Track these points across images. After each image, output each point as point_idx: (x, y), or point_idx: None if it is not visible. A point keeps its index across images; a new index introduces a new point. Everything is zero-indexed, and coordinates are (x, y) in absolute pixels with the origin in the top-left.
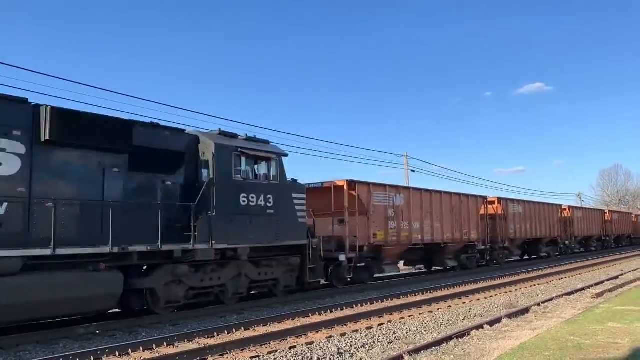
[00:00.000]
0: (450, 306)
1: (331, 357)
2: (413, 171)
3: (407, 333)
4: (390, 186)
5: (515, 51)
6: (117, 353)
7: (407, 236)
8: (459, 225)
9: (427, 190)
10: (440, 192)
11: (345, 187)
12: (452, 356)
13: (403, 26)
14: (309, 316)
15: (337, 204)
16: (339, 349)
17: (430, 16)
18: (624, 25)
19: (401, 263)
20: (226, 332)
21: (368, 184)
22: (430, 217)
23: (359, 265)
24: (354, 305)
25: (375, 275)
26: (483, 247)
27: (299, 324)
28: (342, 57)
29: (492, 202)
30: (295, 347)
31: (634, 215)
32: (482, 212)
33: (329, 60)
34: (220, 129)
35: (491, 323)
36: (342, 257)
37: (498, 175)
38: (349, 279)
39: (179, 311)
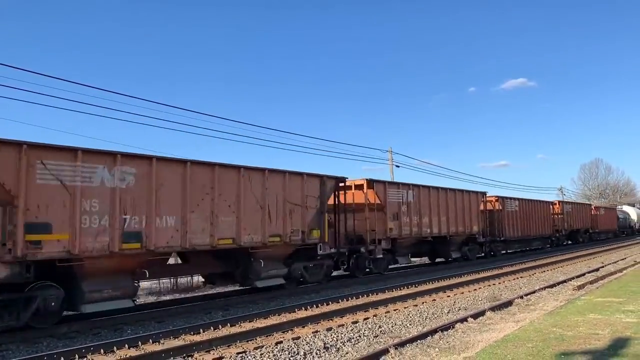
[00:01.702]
0: (435, 300)
1: (317, 351)
2: (397, 166)
3: (392, 327)
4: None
5: (499, 47)
6: (102, 351)
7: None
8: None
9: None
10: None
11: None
12: (437, 349)
13: (388, 23)
14: (295, 311)
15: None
16: (325, 343)
17: (415, 13)
18: (606, 22)
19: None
20: (212, 328)
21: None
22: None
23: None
24: (340, 300)
25: (364, 268)
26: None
27: (285, 320)
28: (327, 54)
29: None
30: (281, 342)
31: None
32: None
33: (314, 57)
34: None
35: (475, 316)
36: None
37: (482, 170)
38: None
39: (164, 308)
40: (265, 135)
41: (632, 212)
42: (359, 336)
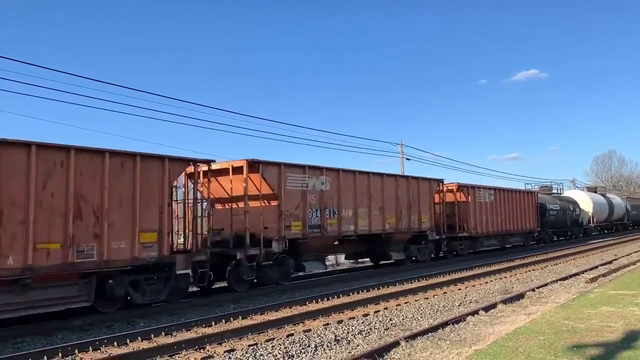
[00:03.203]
0: (445, 293)
1: (328, 343)
2: (408, 159)
3: (403, 319)
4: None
5: (510, 38)
6: (115, 343)
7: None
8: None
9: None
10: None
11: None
12: (448, 342)
13: (397, 15)
14: (306, 304)
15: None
16: (336, 335)
17: (425, 5)
18: (618, 12)
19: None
20: (224, 321)
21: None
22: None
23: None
24: (350, 293)
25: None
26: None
27: (296, 312)
28: (335, 47)
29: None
30: (292, 334)
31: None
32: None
33: (322, 49)
34: None
35: (486, 309)
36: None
37: (492, 163)
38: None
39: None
40: (275, 129)
41: (583, 201)
42: (370, 329)
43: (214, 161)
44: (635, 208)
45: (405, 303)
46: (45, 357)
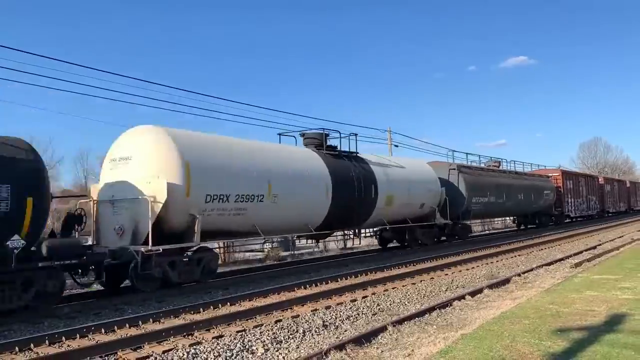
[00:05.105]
0: (432, 278)
1: (316, 329)
2: (396, 146)
3: (390, 305)
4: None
5: (500, 24)
6: (103, 330)
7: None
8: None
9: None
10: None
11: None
12: (434, 326)
13: (388, 2)
14: (294, 290)
15: None
16: (324, 321)
17: None
18: (606, 0)
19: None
20: (212, 307)
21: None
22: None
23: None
24: (339, 279)
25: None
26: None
27: (284, 298)
28: (324, 32)
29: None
30: (281, 320)
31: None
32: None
33: (311, 36)
34: None
35: (473, 294)
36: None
37: (480, 149)
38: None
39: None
40: (267, 117)
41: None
42: (358, 314)
43: None
44: (482, 191)
45: (393, 288)
46: (32, 345)
